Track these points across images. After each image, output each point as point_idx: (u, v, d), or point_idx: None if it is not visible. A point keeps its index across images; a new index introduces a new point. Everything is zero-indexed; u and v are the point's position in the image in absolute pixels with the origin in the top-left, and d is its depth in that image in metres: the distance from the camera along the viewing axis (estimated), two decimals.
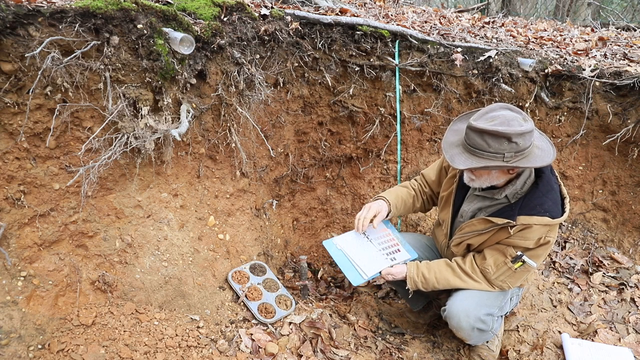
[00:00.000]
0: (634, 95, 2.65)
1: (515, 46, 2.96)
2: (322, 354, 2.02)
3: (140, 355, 1.73)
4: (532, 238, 1.74)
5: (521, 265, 1.79)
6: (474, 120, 1.60)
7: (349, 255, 2.03)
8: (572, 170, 2.99)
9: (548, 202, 1.71)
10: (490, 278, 1.87)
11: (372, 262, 2.04)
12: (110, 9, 1.65)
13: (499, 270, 1.84)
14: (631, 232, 2.86)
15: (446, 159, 1.68)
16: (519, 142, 1.54)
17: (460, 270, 1.92)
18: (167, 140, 1.97)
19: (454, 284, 1.92)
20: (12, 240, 1.72)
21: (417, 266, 1.97)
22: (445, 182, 2.07)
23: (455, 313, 1.90)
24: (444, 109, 2.90)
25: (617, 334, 2.27)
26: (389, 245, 2.11)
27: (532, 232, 1.73)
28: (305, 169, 3.04)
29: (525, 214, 1.71)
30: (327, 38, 2.53)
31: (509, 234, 1.76)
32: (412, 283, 1.96)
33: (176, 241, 2.10)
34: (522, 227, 1.73)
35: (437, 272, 1.94)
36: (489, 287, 1.90)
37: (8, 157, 1.66)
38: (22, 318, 1.68)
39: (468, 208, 1.92)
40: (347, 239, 2.10)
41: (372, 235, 2.12)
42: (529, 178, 1.76)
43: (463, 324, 1.90)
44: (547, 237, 1.74)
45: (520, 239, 1.76)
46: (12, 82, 1.57)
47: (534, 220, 1.70)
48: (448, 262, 1.98)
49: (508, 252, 1.80)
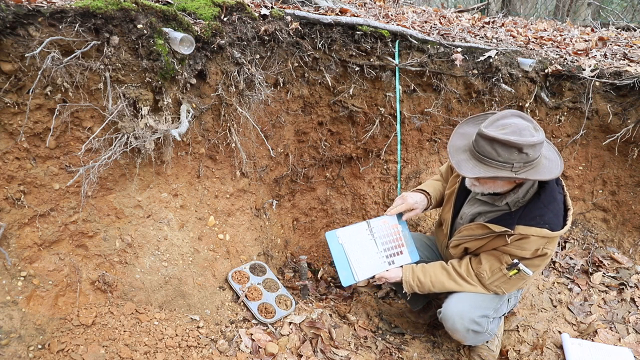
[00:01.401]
0: (634, 95, 2.65)
1: (515, 46, 2.96)
2: (322, 354, 2.02)
3: (140, 355, 1.73)
4: (529, 249, 1.70)
5: (516, 273, 1.77)
6: (485, 127, 1.55)
7: (347, 252, 2.03)
8: (572, 170, 2.99)
9: (549, 214, 1.67)
10: (485, 283, 1.87)
11: (368, 264, 2.04)
12: (110, 9, 1.65)
13: (493, 275, 1.83)
14: (631, 232, 2.86)
15: (452, 165, 1.64)
16: (529, 153, 1.50)
17: (456, 273, 1.92)
18: (167, 140, 1.97)
19: (449, 287, 1.92)
20: (12, 240, 1.72)
21: (413, 270, 1.97)
22: (450, 180, 2.08)
23: (450, 315, 1.91)
24: (444, 109, 2.90)
25: (617, 334, 2.27)
26: (392, 245, 2.09)
27: (529, 242, 1.69)
28: (305, 169, 3.03)
29: (524, 224, 1.68)
30: (327, 38, 2.53)
31: (505, 242, 1.73)
32: (408, 287, 1.97)
33: (176, 241, 2.10)
34: (519, 236, 1.70)
35: (432, 276, 1.94)
36: (484, 290, 1.90)
37: (8, 157, 1.66)
38: (22, 318, 1.68)
39: (468, 211, 1.91)
40: (350, 234, 2.07)
41: (378, 232, 2.08)
42: (531, 187, 1.73)
43: (458, 326, 1.90)
44: (545, 249, 1.70)
45: (516, 249, 1.73)
46: (12, 82, 1.56)
47: (532, 232, 1.66)
48: (444, 265, 1.97)
49: (504, 259, 1.78)
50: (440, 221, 2.18)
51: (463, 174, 1.60)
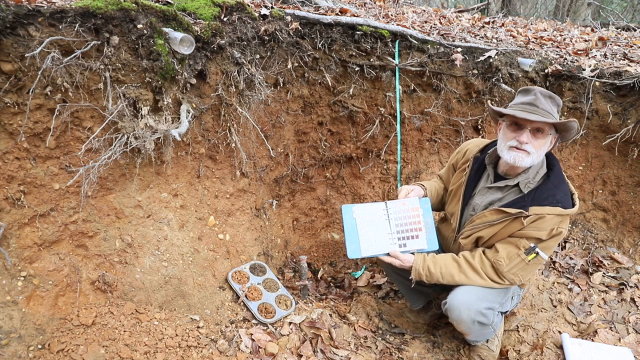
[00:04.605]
0: (634, 95, 2.65)
1: (515, 46, 2.96)
2: (322, 354, 2.02)
3: (140, 355, 1.73)
4: (546, 228, 1.76)
5: (534, 257, 1.80)
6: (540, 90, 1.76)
7: (359, 227, 2.04)
8: (572, 170, 2.99)
9: (560, 194, 1.76)
10: (502, 270, 1.85)
11: (376, 242, 2.02)
12: (110, 9, 1.65)
13: (511, 262, 1.83)
14: (631, 232, 2.86)
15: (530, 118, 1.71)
16: (560, 106, 1.79)
17: (468, 265, 1.91)
18: (167, 140, 1.97)
19: (458, 280, 1.91)
20: (12, 240, 1.72)
21: (424, 258, 1.96)
22: (455, 176, 2.10)
23: (456, 305, 1.90)
24: (444, 109, 2.90)
25: (617, 334, 2.27)
26: (408, 228, 2.04)
27: (545, 222, 1.75)
28: (305, 169, 3.04)
29: (538, 205, 1.75)
30: (327, 38, 2.53)
31: (522, 225, 1.78)
32: (417, 274, 1.95)
33: (176, 241, 2.10)
34: (535, 217, 1.75)
35: (442, 267, 1.93)
36: (494, 284, 1.89)
37: (8, 157, 1.66)
38: (22, 318, 1.68)
39: (480, 201, 1.94)
40: (365, 210, 2.07)
41: (395, 214, 2.05)
42: (541, 168, 1.83)
43: (464, 316, 1.89)
44: (560, 228, 1.77)
45: (533, 230, 1.77)
46: (12, 82, 1.57)
47: (547, 210, 1.73)
48: (455, 257, 1.96)
49: (521, 244, 1.81)
50: (446, 217, 2.18)
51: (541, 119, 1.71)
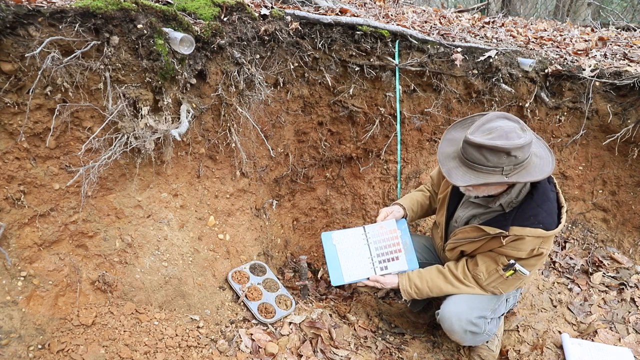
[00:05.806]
0: (634, 95, 2.65)
1: (515, 46, 2.96)
2: (322, 354, 2.02)
3: (140, 355, 1.73)
4: (525, 249, 1.71)
5: (513, 274, 1.77)
6: (471, 134, 1.53)
7: (339, 254, 2.08)
8: (572, 170, 2.99)
9: (542, 214, 1.67)
10: (482, 284, 1.88)
11: (358, 267, 2.07)
12: (110, 9, 1.65)
13: (490, 277, 1.84)
14: (631, 232, 2.86)
15: (443, 173, 1.63)
16: (518, 155, 1.49)
17: (453, 276, 1.92)
18: (167, 140, 1.97)
19: (446, 291, 1.93)
20: (12, 240, 1.72)
21: (409, 277, 1.98)
22: (443, 184, 2.08)
23: (448, 317, 1.91)
24: (444, 109, 2.90)
25: (617, 334, 2.27)
26: (388, 251, 2.09)
27: (524, 243, 1.70)
28: (305, 169, 3.03)
29: (519, 225, 1.68)
30: (327, 38, 2.53)
31: (501, 244, 1.73)
32: (406, 295, 1.98)
33: (176, 241, 2.10)
34: (514, 237, 1.70)
35: (429, 281, 1.95)
36: (482, 292, 1.90)
37: (8, 157, 1.66)
38: (22, 318, 1.68)
39: (463, 214, 1.91)
40: (345, 236, 2.12)
41: (373, 238, 2.10)
42: (524, 187, 1.72)
43: (455, 327, 1.90)
44: (541, 249, 1.71)
45: (512, 250, 1.73)
46: (12, 82, 1.56)
47: (527, 232, 1.67)
48: (440, 268, 1.97)
49: (500, 260, 1.79)
50: (436, 224, 2.18)
51: (454, 182, 1.58)
